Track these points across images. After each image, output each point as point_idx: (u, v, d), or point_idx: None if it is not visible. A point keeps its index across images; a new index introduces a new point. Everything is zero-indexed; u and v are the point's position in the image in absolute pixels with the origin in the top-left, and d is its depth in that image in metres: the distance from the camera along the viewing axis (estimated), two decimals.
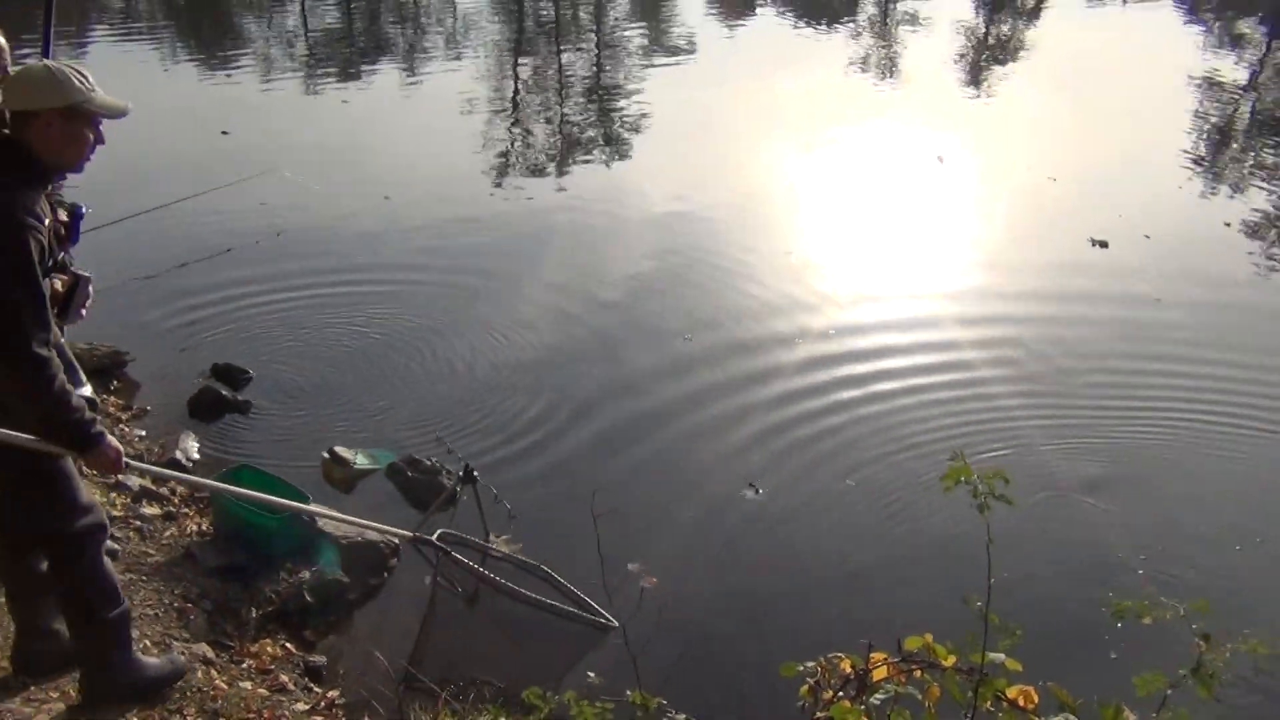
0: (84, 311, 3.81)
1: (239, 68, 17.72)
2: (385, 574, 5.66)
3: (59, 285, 3.65)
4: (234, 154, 12.10)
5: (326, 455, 6.44)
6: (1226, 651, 2.85)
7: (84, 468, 3.89)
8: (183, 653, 4.54)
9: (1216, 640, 2.79)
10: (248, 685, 4.55)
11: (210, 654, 4.70)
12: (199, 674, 4.43)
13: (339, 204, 10.92)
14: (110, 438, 3.50)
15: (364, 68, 18.11)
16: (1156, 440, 7.26)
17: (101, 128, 3.46)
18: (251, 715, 4.31)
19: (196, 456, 6.55)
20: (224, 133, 13.07)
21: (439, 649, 5.09)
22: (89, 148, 3.45)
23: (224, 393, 7.16)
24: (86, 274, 3.74)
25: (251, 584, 5.30)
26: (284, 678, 4.73)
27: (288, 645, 5.02)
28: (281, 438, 6.89)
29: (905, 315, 9.00)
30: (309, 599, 5.25)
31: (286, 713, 4.41)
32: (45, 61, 3.40)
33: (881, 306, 9.18)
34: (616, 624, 5.19)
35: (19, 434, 3.40)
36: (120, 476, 5.66)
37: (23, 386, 3.28)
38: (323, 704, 4.59)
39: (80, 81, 3.34)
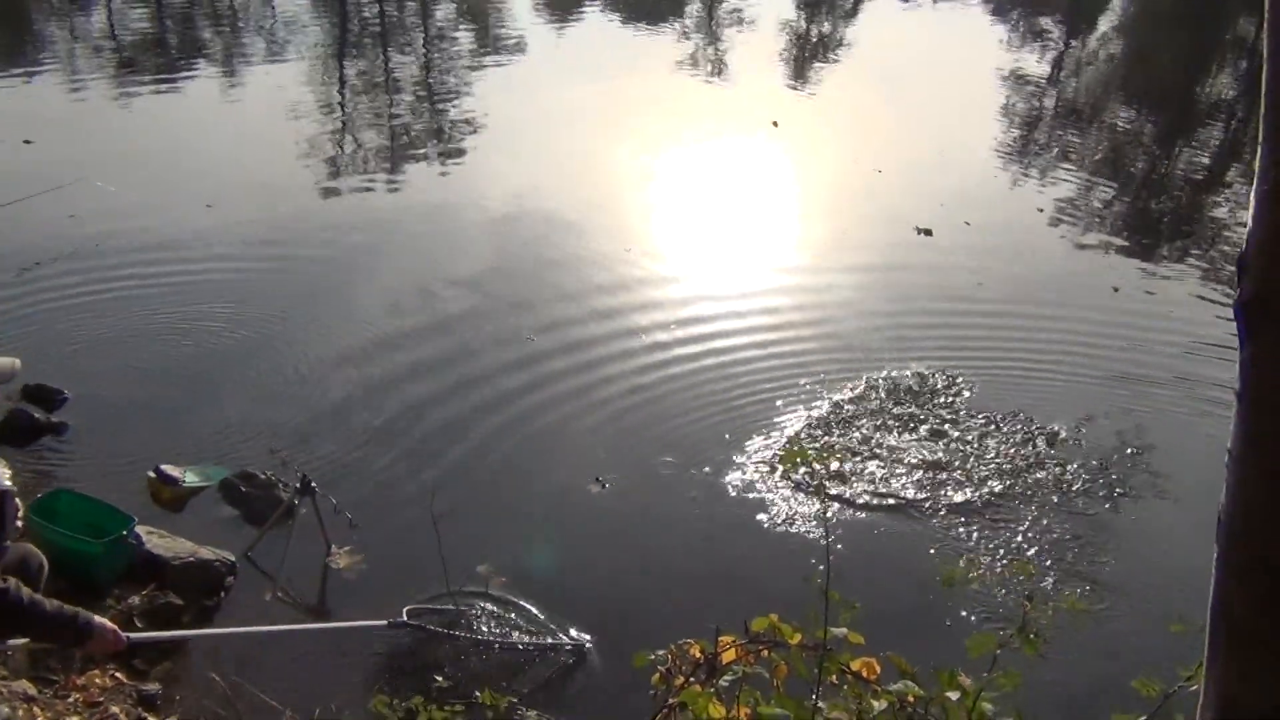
0: (19, 523, 3.89)
1: (42, 74, 16.72)
2: (221, 594, 5.44)
3: None
4: (39, 164, 11.41)
5: (152, 474, 6.14)
6: (1049, 610, 3.00)
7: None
8: (1, 691, 4.26)
9: (1039, 600, 2.94)
10: None
11: (32, 690, 4.42)
12: (20, 712, 4.17)
13: (157, 213, 10.42)
14: (99, 619, 3.52)
15: (180, 72, 17.33)
16: (984, 412, 7.59)
17: None
18: None
19: (8, 485, 6.12)
20: (27, 142, 12.31)
21: (281, 665, 4.91)
22: None
23: (36, 415, 6.74)
24: (5, 488, 3.75)
25: None
26: (115, 709, 4.49)
27: (118, 675, 4.76)
28: (103, 459, 6.52)
29: (741, 309, 9.16)
30: (139, 624, 5.00)
31: None
32: None
33: (718, 301, 9.32)
34: (587, 644, 5.19)
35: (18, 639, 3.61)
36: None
37: (6, 619, 3.40)
38: None
39: None
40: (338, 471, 6.51)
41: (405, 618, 5.02)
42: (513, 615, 5.39)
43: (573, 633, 5.30)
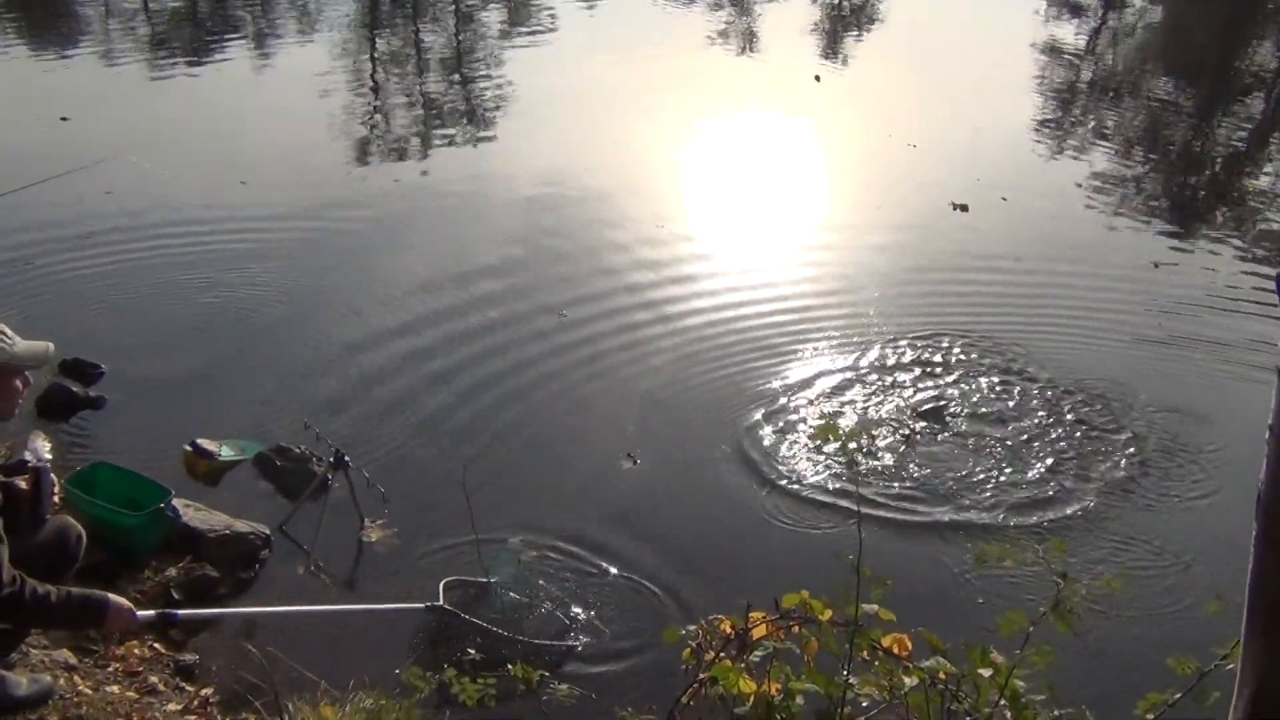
0: (56, 499, 3.93)
1: (77, 50, 16.84)
2: (256, 567, 5.50)
3: (24, 484, 3.72)
4: (75, 141, 11.53)
5: (188, 448, 6.20)
6: (1082, 588, 2.98)
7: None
8: (43, 660, 4.34)
9: (1073, 578, 2.92)
10: (115, 689, 4.37)
11: (73, 659, 4.50)
12: (61, 681, 4.24)
13: (191, 190, 10.50)
14: (114, 599, 3.53)
15: (213, 48, 17.42)
16: (1020, 387, 7.53)
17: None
18: (120, 719, 4.15)
19: (48, 457, 6.20)
20: (63, 119, 12.42)
21: (317, 638, 4.97)
22: (19, 395, 3.56)
23: (74, 389, 6.82)
24: (43, 463, 3.79)
25: (114, 584, 5.07)
26: (154, 678, 4.56)
27: (156, 645, 4.83)
28: (140, 432, 6.58)
29: (774, 284, 9.11)
30: (176, 596, 5.07)
31: (158, 714, 4.25)
32: None
33: (751, 278, 9.25)
34: (579, 645, 5.19)
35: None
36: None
37: (15, 619, 3.47)
38: (196, 702, 4.44)
39: (1, 340, 3.41)
40: (371, 445, 6.55)
41: (441, 596, 5.06)
42: (548, 586, 5.44)
43: (585, 627, 5.32)
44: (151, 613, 4.12)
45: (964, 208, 10.90)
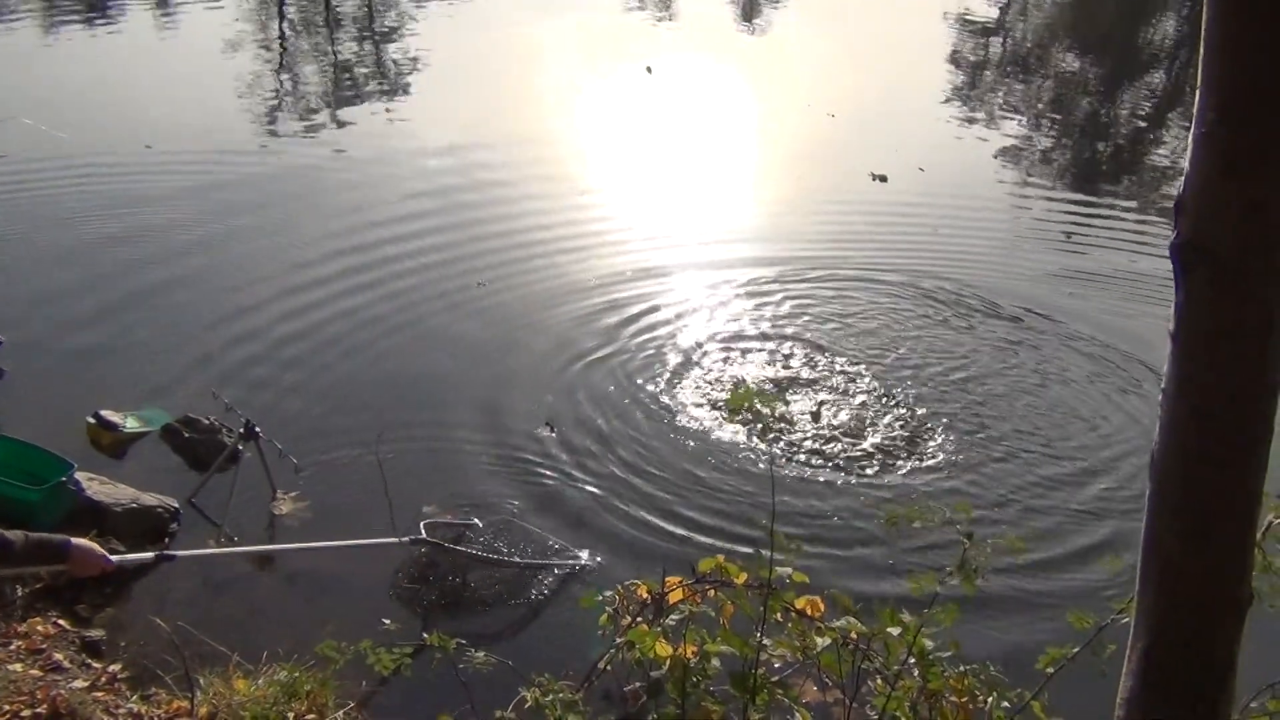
0: None
1: None
2: (165, 540, 5.38)
3: None
4: None
5: (91, 420, 6.03)
6: (988, 548, 3.07)
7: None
8: None
9: (978, 539, 3.00)
10: (17, 667, 4.26)
11: None
12: None
13: (92, 153, 10.15)
14: (78, 542, 3.42)
15: (113, 6, 16.83)
16: (934, 352, 7.68)
17: None
18: (24, 698, 4.04)
19: None
20: None
21: (226, 612, 4.89)
22: None
23: None
24: None
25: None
26: (58, 656, 4.45)
27: (61, 622, 4.71)
28: (41, 404, 6.36)
29: (693, 254, 9.14)
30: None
31: (63, 691, 4.15)
32: None
33: (670, 248, 9.26)
34: (594, 563, 5.37)
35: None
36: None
37: None
38: (103, 679, 4.35)
39: None
40: (283, 415, 6.43)
41: (423, 532, 5.12)
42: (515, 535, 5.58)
43: (578, 555, 5.48)
44: (149, 554, 4.07)
45: (883, 178, 11.02)
